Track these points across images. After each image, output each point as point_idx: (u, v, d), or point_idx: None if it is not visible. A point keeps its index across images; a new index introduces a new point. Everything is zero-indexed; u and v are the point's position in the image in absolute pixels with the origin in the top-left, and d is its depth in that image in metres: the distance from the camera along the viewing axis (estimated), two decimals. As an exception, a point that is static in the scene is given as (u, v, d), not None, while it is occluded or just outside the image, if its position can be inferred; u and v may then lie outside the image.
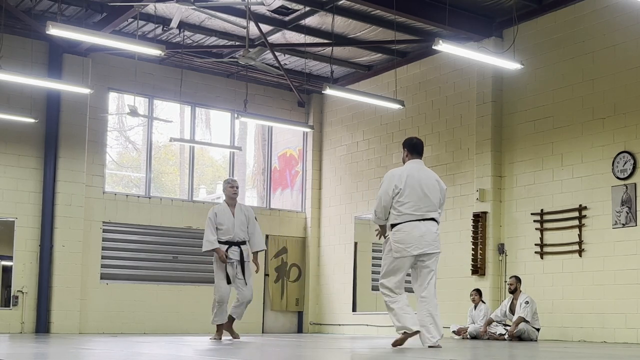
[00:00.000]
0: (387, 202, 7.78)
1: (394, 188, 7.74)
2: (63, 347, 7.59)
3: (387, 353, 6.83)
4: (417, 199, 7.74)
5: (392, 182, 7.78)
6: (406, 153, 8.05)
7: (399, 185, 7.74)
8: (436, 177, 8.06)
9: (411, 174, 7.81)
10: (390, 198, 7.76)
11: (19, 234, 14.24)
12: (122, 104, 17.42)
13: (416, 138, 8.19)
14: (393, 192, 7.75)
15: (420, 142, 8.16)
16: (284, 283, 16.88)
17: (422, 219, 7.77)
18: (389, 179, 7.85)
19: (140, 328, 15.14)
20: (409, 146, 8.03)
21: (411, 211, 7.73)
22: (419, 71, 15.28)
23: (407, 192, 7.73)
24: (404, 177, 7.77)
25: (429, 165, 14.83)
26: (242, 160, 18.64)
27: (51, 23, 9.79)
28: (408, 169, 7.88)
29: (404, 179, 7.75)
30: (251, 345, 8.28)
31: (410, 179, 7.76)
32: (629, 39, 11.90)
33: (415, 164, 7.96)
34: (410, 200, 7.73)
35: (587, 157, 12.29)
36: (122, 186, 19.09)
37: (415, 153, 8.03)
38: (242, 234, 10.21)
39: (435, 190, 7.91)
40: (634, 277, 11.52)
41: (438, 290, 14.41)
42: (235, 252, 10.14)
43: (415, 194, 7.74)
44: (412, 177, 7.78)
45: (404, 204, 7.72)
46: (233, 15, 13.21)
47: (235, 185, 10.34)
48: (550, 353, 7.44)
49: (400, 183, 7.74)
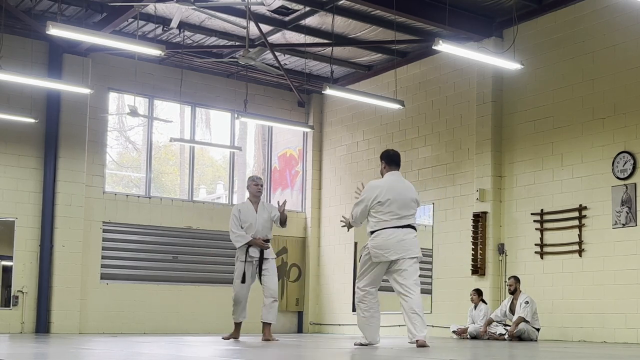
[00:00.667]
0: (365, 210, 8.07)
1: (374, 198, 7.99)
2: (63, 347, 7.59)
3: (387, 353, 6.83)
4: (397, 209, 7.99)
5: (374, 192, 8.03)
6: (384, 165, 8.30)
7: (379, 197, 7.98)
8: (412, 187, 8.32)
9: (392, 186, 8.07)
10: (369, 208, 8.03)
11: (19, 234, 14.24)
12: (122, 104, 17.43)
13: (393, 150, 8.44)
14: (372, 202, 8.00)
15: (398, 154, 8.42)
16: (284, 283, 16.88)
17: (400, 226, 7.99)
18: (371, 188, 8.11)
19: (140, 328, 15.14)
20: (387, 158, 8.28)
21: (390, 218, 7.97)
22: (419, 71, 15.28)
23: (388, 203, 7.97)
24: (385, 189, 8.02)
25: (429, 165, 14.97)
26: (242, 160, 18.65)
27: (51, 23, 9.78)
28: (389, 182, 8.13)
29: (385, 191, 8.00)
30: (251, 346, 8.28)
31: (392, 192, 8.01)
32: (629, 39, 11.90)
33: (393, 176, 8.20)
34: (391, 210, 7.98)
35: (587, 157, 12.29)
36: (122, 186, 19.10)
37: (393, 165, 8.27)
38: (265, 231, 10.07)
39: (416, 199, 8.19)
40: (634, 277, 11.52)
41: (438, 290, 14.54)
42: (257, 250, 9.98)
43: (396, 204, 7.99)
44: (393, 190, 8.04)
45: (384, 213, 7.98)
46: (233, 15, 13.21)
47: (260, 184, 10.24)
48: (550, 353, 7.45)
49: (381, 195, 7.98)
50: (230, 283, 10.74)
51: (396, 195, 7.99)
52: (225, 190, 18.22)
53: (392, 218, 7.95)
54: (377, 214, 7.98)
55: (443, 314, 14.22)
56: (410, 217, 8.09)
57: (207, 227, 16.05)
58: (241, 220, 9.98)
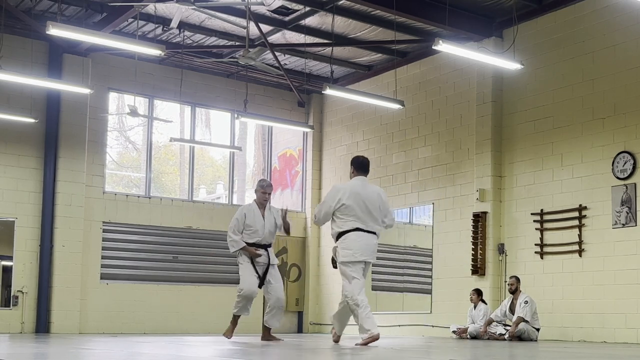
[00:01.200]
0: (329, 212, 8.26)
1: (338, 201, 8.19)
2: (63, 347, 7.59)
3: (387, 353, 6.83)
4: (360, 213, 8.18)
5: (337, 195, 8.23)
6: (352, 170, 8.47)
7: (342, 200, 8.18)
8: (378, 191, 8.45)
9: (355, 190, 8.24)
10: (333, 209, 8.22)
11: (19, 234, 14.24)
12: (122, 104, 17.43)
13: (363, 157, 8.61)
14: (336, 204, 8.20)
15: (368, 161, 8.58)
16: (284, 283, 16.87)
17: (365, 231, 8.20)
18: (335, 191, 8.32)
19: (140, 328, 15.14)
20: (356, 164, 8.47)
21: (355, 221, 8.18)
22: (419, 71, 15.28)
23: (351, 207, 8.17)
24: (348, 192, 8.21)
25: (429, 165, 14.97)
26: (242, 160, 18.66)
27: (51, 23, 9.78)
28: (352, 185, 8.31)
29: (347, 194, 8.19)
30: (251, 346, 8.28)
31: (355, 195, 8.20)
32: (629, 39, 11.90)
33: (359, 180, 8.37)
34: (355, 214, 8.18)
35: (587, 157, 12.30)
36: (122, 186, 19.10)
37: (361, 171, 8.46)
38: (270, 237, 9.76)
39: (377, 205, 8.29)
40: (634, 277, 11.52)
41: (438, 290, 14.56)
42: (264, 254, 9.68)
43: (359, 209, 8.18)
44: (356, 194, 8.21)
45: (349, 216, 8.18)
46: (233, 15, 13.21)
47: (269, 192, 9.83)
48: (550, 353, 7.45)
49: (344, 198, 8.18)
50: (230, 283, 10.76)
51: (359, 200, 8.19)
52: (225, 190, 18.23)
53: (356, 220, 8.16)
54: (343, 216, 8.18)
55: (443, 314, 14.22)
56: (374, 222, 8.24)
57: (207, 227, 16.05)
58: (246, 225, 9.63)
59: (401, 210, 15.64)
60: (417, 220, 15.93)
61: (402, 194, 15.36)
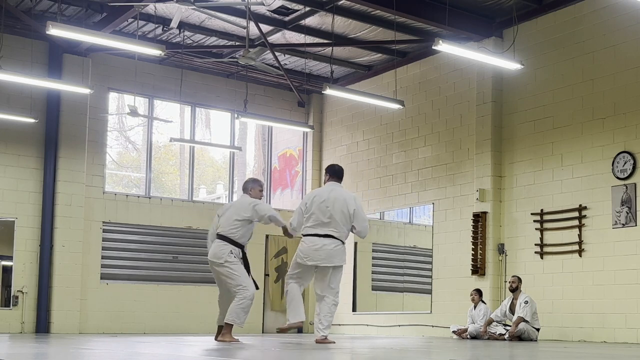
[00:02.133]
0: (300, 220, 8.60)
1: (305, 204, 8.57)
2: (63, 347, 7.59)
3: (387, 353, 6.83)
4: (321, 217, 8.45)
5: (306, 199, 8.65)
6: (327, 176, 8.80)
7: (307, 203, 8.55)
8: (346, 196, 8.59)
9: (320, 194, 8.57)
10: (302, 214, 8.58)
11: (19, 234, 14.25)
12: (122, 104, 17.42)
13: (338, 165, 8.92)
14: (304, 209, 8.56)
15: (341, 169, 8.89)
16: (284, 283, 16.86)
17: (321, 235, 8.44)
18: (306, 196, 8.81)
19: (140, 328, 15.15)
20: (331, 171, 8.80)
21: (313, 225, 8.47)
22: (419, 71, 15.28)
23: (313, 210, 8.49)
24: (312, 197, 8.58)
25: (429, 165, 14.97)
26: (242, 160, 18.65)
27: (51, 23, 9.78)
28: (320, 191, 8.71)
29: (312, 199, 8.53)
30: (251, 346, 8.29)
31: (318, 199, 8.50)
32: (629, 39, 11.90)
33: (329, 186, 8.69)
34: (316, 218, 8.47)
35: (587, 157, 12.30)
36: (122, 186, 19.10)
37: (334, 177, 8.77)
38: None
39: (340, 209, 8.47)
40: (634, 277, 11.52)
41: (438, 290, 14.54)
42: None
43: (320, 212, 8.45)
44: (319, 197, 8.51)
45: (309, 219, 8.51)
46: (233, 15, 13.21)
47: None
48: (550, 353, 7.45)
49: (309, 201, 8.54)
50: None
51: (322, 204, 8.44)
52: (225, 190, 18.22)
53: (315, 224, 8.45)
54: (307, 221, 8.52)
55: (443, 314, 14.22)
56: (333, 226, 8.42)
57: (207, 227, 15.83)
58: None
59: (401, 210, 15.64)
60: (417, 220, 15.94)
61: (402, 194, 15.36)
